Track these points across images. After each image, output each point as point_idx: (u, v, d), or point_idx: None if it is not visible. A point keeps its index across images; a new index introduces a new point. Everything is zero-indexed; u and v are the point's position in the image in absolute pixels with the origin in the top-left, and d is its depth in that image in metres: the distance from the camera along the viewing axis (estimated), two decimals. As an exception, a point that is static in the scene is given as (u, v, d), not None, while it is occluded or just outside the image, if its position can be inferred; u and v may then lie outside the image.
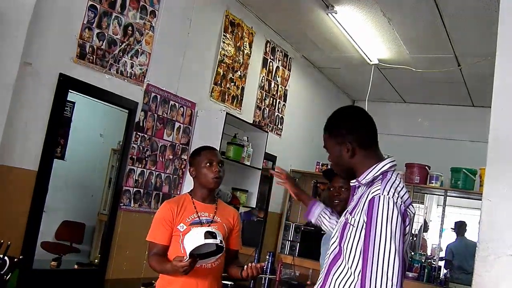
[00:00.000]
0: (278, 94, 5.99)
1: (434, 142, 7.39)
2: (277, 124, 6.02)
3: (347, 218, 2.08)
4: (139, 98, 4.03)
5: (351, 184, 2.23)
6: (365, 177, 2.10)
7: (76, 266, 3.94)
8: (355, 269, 2.00)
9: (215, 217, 2.86)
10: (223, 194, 4.71)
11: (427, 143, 7.37)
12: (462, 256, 6.92)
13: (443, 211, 6.01)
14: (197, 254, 2.53)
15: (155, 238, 2.77)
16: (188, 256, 2.48)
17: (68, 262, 4.06)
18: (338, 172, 2.27)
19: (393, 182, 2.03)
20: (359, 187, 2.18)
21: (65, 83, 3.40)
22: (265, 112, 5.75)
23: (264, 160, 5.35)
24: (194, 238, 2.53)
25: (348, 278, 2.02)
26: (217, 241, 2.55)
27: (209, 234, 2.53)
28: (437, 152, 6.94)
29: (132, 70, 3.93)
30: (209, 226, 2.77)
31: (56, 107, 3.36)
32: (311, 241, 6.18)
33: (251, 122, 5.39)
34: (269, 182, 5.97)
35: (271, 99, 5.85)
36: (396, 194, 1.96)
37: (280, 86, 6.00)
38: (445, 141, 7.36)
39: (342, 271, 2.05)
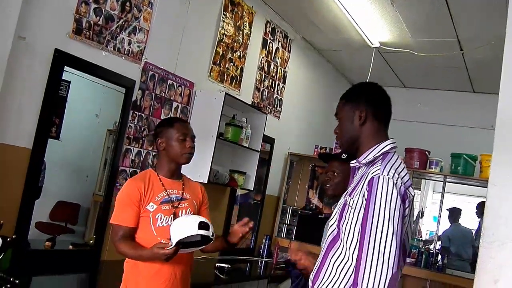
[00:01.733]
0: (278, 75, 5.90)
1: (434, 128, 7.33)
2: (275, 106, 5.94)
3: (346, 199, 2.05)
4: (136, 76, 3.93)
5: (351, 165, 2.21)
6: (365, 157, 2.08)
7: (71, 247, 3.88)
8: (353, 252, 1.96)
9: (184, 193, 2.72)
10: (220, 176, 4.64)
11: (427, 129, 7.31)
12: (459, 243, 6.90)
13: (442, 197, 5.95)
14: (182, 243, 2.39)
15: (121, 220, 2.58)
16: (173, 244, 2.35)
17: (63, 243, 4.01)
18: (341, 144, 2.22)
19: (394, 163, 2.00)
20: (359, 168, 2.15)
21: (61, 59, 3.29)
22: (264, 94, 5.66)
23: (263, 143, 5.27)
24: (186, 227, 2.37)
25: (346, 261, 1.99)
26: (209, 233, 2.40)
27: (203, 225, 2.38)
28: (436, 138, 6.88)
29: (130, 47, 3.83)
30: (179, 203, 2.66)
31: (51, 83, 3.26)
32: (308, 224, 6.15)
33: (250, 103, 5.30)
34: (267, 164, 5.91)
35: (270, 80, 5.76)
36: (396, 175, 1.93)
37: (279, 67, 5.91)
38: (445, 127, 7.30)
39: (340, 254, 2.01)
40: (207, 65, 4.70)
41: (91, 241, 3.93)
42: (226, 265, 4.44)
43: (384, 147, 2.07)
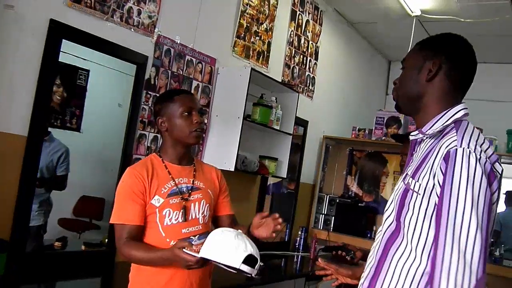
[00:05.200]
0: (309, 51, 5.35)
1: (484, 105, 6.64)
2: (308, 85, 5.40)
3: (408, 183, 1.55)
4: (149, 52, 3.45)
5: (410, 138, 1.71)
6: (431, 126, 1.60)
7: (83, 247, 3.47)
8: (422, 251, 1.48)
9: (195, 181, 2.24)
10: (249, 163, 4.15)
11: (476, 106, 6.57)
12: (510, 228, 6.24)
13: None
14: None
15: (124, 218, 2.07)
16: (200, 256, 1.80)
17: (75, 244, 3.62)
18: (399, 100, 1.74)
19: (472, 133, 1.52)
20: (421, 142, 1.67)
21: (58, 31, 2.83)
22: (295, 71, 5.13)
23: (295, 126, 4.76)
24: (228, 253, 1.78)
25: (412, 262, 1.50)
26: (254, 271, 1.81)
27: (250, 260, 1.78)
28: (488, 116, 6.19)
29: (140, 18, 3.35)
30: (189, 195, 2.18)
31: (47, 60, 2.80)
32: (347, 214, 5.66)
33: (280, 81, 4.78)
34: (300, 149, 5.39)
35: (301, 56, 5.22)
36: (478, 148, 1.45)
37: (310, 42, 5.36)
38: (497, 103, 6.62)
39: (403, 252, 1.52)
40: (230, 39, 4.20)
41: (106, 240, 3.49)
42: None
43: (455, 113, 1.59)
